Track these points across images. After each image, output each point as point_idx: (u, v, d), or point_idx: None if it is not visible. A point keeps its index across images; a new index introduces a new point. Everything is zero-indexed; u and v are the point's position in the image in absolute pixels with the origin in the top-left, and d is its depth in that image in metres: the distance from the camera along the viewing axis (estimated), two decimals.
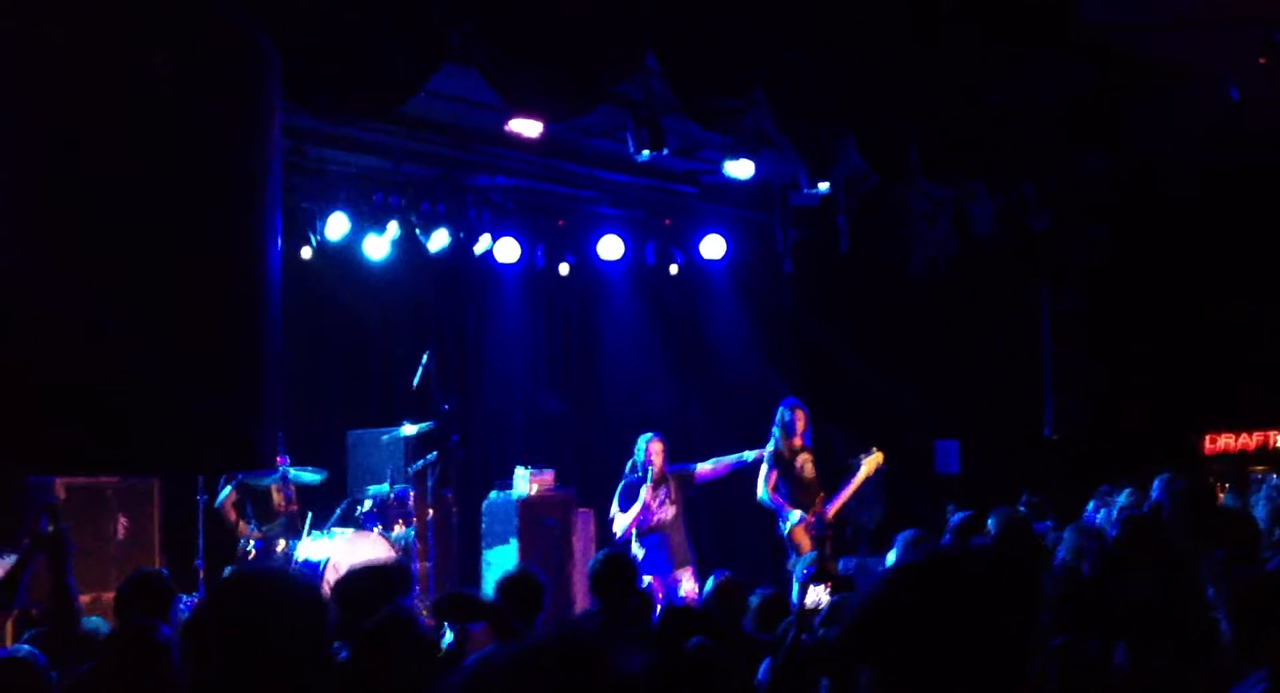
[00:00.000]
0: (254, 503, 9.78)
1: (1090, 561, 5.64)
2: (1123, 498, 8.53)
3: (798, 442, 9.50)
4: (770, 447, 9.51)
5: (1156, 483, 9.09)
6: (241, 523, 9.72)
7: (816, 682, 3.84)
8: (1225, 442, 14.44)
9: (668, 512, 9.28)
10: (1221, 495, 9.74)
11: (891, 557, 7.10)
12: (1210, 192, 12.34)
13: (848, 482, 9.49)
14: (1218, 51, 8.90)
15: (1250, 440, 14.33)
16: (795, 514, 9.32)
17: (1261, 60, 8.48)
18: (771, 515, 9.56)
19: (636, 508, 9.15)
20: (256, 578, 2.19)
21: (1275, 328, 12.92)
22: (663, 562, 9.23)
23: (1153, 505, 7.10)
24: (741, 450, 9.62)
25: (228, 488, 9.76)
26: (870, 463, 9.45)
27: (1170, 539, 5.10)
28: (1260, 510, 7.65)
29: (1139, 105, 10.00)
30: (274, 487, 9.81)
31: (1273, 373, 13.16)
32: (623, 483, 9.39)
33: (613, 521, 9.34)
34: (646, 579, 8.94)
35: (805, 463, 9.49)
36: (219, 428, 3.89)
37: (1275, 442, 14.25)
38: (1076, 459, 12.01)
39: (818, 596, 4.81)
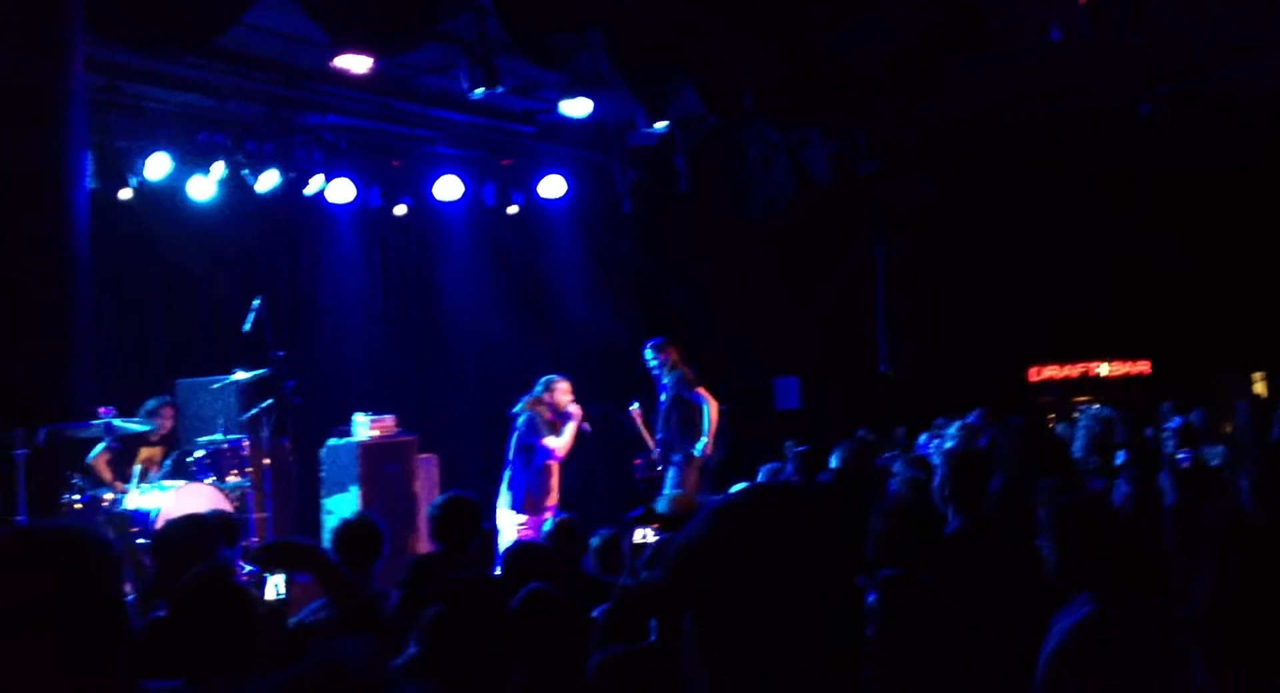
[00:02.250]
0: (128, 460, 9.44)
1: (919, 492, 5.80)
2: (952, 429, 8.79)
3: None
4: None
5: (972, 416, 9.42)
6: (118, 482, 9.33)
7: (646, 623, 3.85)
8: (1049, 373, 15.05)
9: None
10: (1051, 425, 10.14)
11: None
12: (1030, 140, 12.76)
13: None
14: None
15: (1073, 371, 14.96)
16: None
17: (1082, 1, 8.70)
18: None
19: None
20: (32, 533, 2.05)
21: (1093, 266, 13.46)
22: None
23: (990, 439, 7.34)
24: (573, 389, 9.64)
25: (100, 445, 9.40)
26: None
27: (990, 471, 5.25)
28: (1079, 440, 7.95)
29: (967, 57, 10.20)
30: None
31: (1092, 308, 13.73)
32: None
33: (550, 448, 9.23)
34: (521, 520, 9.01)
35: None
36: (27, 379, 3.69)
37: (1095, 371, 14.89)
38: (910, 394, 12.35)
39: (643, 536, 4.83)
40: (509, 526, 9.19)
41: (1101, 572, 3.25)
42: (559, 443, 9.27)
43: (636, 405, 9.74)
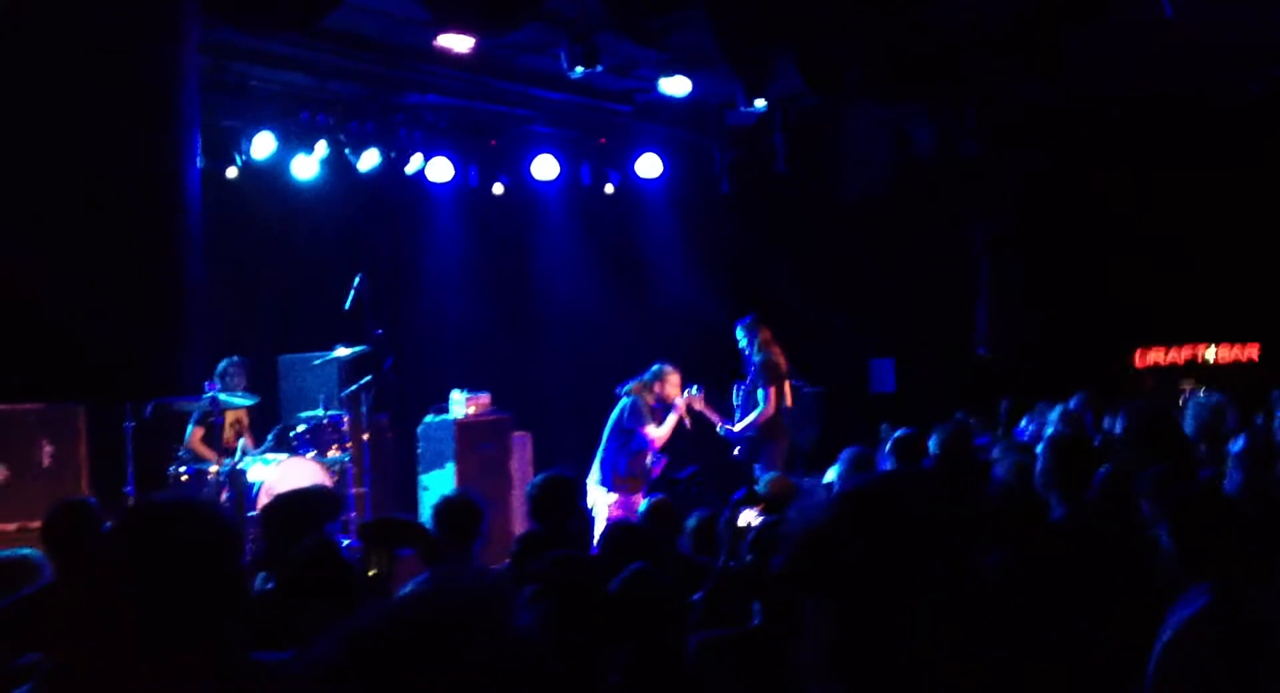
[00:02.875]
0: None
1: (1022, 477, 5.68)
2: (1054, 414, 8.61)
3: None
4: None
5: (1073, 400, 9.21)
6: (214, 454, 9.54)
7: (749, 606, 3.82)
8: (1155, 357, 14.69)
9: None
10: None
11: (833, 473, 7.12)
12: (1139, 119, 12.44)
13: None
14: None
15: (1179, 355, 14.59)
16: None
17: None
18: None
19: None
20: (161, 506, 2.09)
21: (1200, 247, 13.11)
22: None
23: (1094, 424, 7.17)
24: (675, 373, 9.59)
25: (191, 424, 9.64)
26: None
27: (1094, 458, 5.14)
28: (1188, 426, 7.74)
29: (1076, 33, 9.96)
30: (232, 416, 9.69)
31: (1199, 290, 13.38)
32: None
33: (649, 437, 9.27)
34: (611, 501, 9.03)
35: None
36: (140, 353, 3.77)
37: (1203, 356, 14.52)
38: (1009, 377, 12.13)
39: (748, 519, 4.79)
40: (600, 503, 9.22)
41: (1220, 562, 3.17)
42: (658, 433, 9.28)
43: (698, 390, 9.62)
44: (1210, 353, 14.71)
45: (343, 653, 1.09)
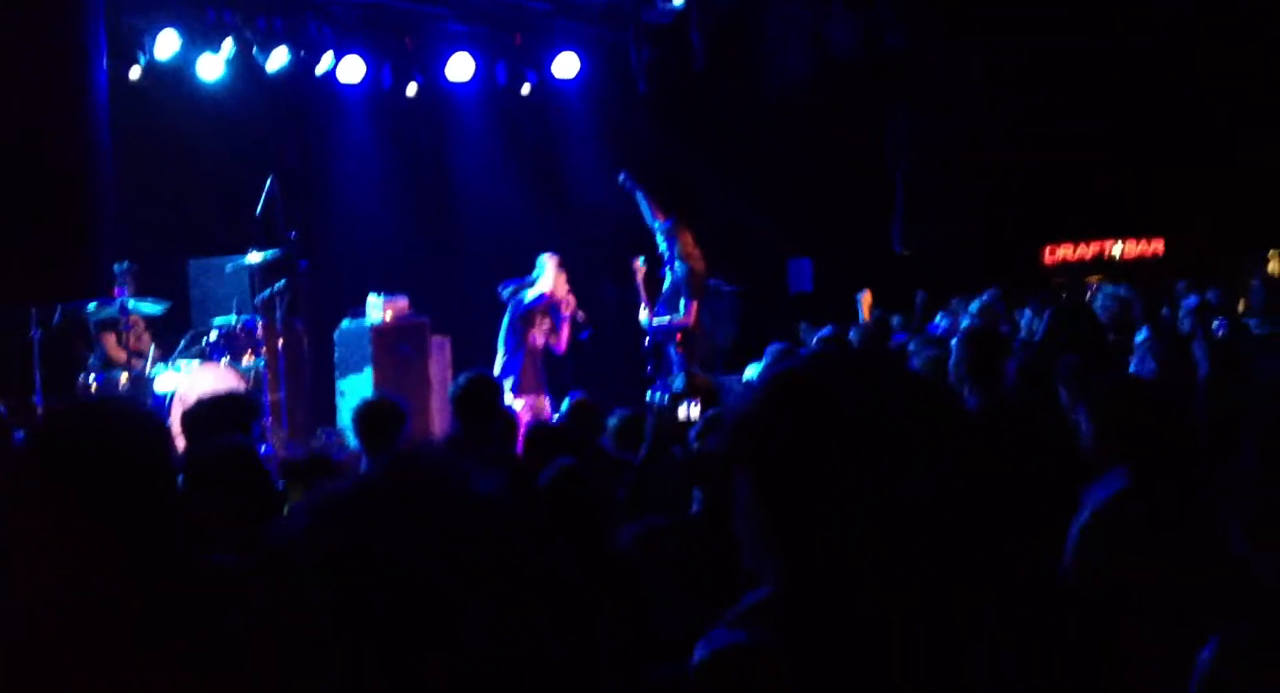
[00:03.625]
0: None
1: (937, 371, 5.77)
2: (975, 307, 8.75)
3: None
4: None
5: (986, 295, 9.35)
6: (131, 360, 9.28)
7: (689, 493, 3.87)
8: (1064, 253, 14.97)
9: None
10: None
11: (754, 370, 7.19)
12: (1049, 14, 12.50)
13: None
14: None
15: (1087, 250, 14.88)
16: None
17: None
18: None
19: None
20: (91, 406, 2.03)
21: (1107, 144, 13.29)
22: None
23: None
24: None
25: (98, 331, 9.36)
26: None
27: (1006, 350, 5.23)
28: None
29: None
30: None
31: (1106, 187, 13.61)
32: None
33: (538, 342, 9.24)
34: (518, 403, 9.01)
35: None
36: (47, 257, 3.65)
37: (1110, 251, 14.81)
38: (925, 275, 12.27)
39: (688, 412, 4.83)
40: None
41: (1136, 445, 3.25)
42: (555, 337, 9.32)
43: (641, 260, 9.64)
44: (1117, 249, 15.02)
45: (310, 530, 1.07)
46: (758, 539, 1.51)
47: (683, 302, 9.66)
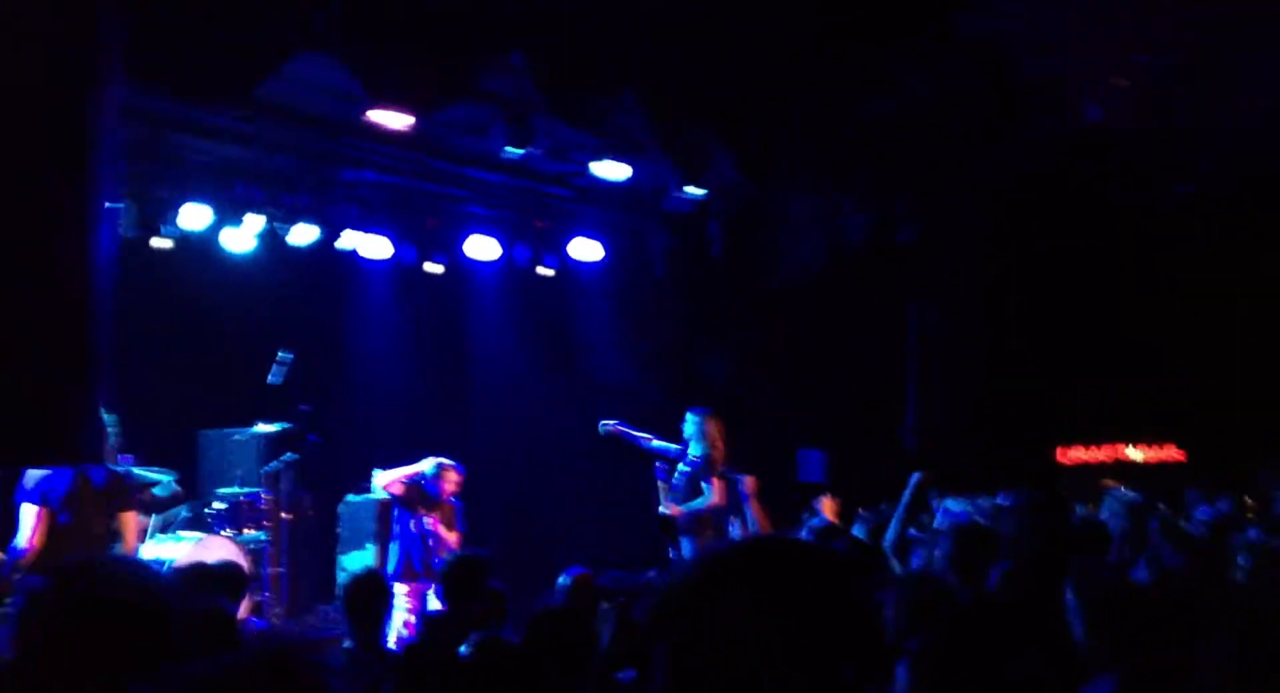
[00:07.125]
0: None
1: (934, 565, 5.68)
2: (955, 504, 8.71)
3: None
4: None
5: (1000, 497, 9.23)
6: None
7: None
8: (1077, 454, 14.84)
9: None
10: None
11: None
12: (1070, 214, 12.68)
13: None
14: (1081, 70, 9.09)
15: (1101, 453, 14.75)
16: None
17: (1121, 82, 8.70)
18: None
19: None
20: (102, 563, 2.04)
21: (1124, 347, 13.31)
22: None
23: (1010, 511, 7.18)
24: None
25: None
26: None
27: (997, 547, 5.17)
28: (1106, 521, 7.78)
29: (1008, 125, 10.18)
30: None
31: (1123, 389, 13.56)
32: None
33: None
34: None
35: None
36: (36, 421, 3.65)
37: (1126, 454, 14.69)
38: (936, 469, 12.15)
39: None
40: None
41: (1129, 651, 3.15)
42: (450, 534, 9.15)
43: (614, 423, 9.59)
44: (1134, 453, 14.89)
45: None
46: None
47: (704, 484, 9.58)
